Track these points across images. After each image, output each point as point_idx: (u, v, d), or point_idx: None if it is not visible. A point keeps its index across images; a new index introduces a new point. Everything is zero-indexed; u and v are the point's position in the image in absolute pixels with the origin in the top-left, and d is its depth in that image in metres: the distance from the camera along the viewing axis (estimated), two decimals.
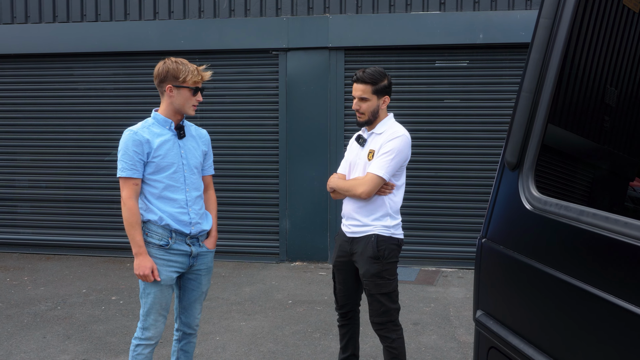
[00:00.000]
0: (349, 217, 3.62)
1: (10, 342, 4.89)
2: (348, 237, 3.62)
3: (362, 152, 3.61)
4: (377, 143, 3.53)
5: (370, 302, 3.56)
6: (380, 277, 3.48)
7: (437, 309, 5.80)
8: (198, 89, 3.22)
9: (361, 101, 3.51)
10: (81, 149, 8.09)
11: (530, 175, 1.95)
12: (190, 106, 3.23)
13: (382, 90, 3.53)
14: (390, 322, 3.55)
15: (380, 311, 3.52)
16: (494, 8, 7.16)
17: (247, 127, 7.78)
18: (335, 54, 7.44)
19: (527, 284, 1.96)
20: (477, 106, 7.36)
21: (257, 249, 7.77)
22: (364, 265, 3.51)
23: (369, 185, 3.43)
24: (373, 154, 3.50)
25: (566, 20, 1.84)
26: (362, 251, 3.51)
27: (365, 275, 3.50)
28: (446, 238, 7.41)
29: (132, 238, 3.13)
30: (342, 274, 3.73)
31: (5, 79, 8.19)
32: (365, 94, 3.49)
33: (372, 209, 3.51)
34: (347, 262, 3.65)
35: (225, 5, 7.59)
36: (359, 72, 3.52)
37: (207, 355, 4.64)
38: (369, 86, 3.48)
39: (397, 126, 3.59)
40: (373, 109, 3.52)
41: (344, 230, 3.67)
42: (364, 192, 3.44)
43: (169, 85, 3.18)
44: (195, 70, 3.19)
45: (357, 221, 3.55)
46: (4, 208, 8.27)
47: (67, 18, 7.89)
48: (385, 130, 3.55)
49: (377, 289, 3.49)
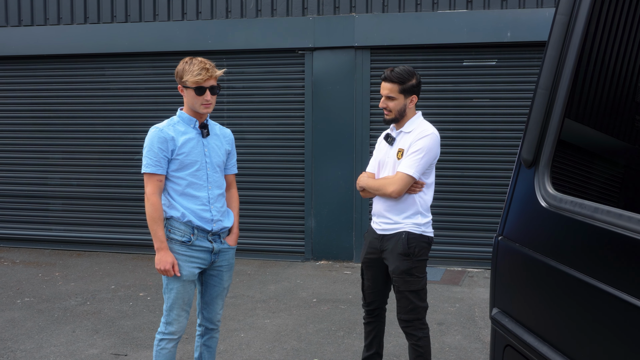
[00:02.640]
0: (379, 215, 3.64)
1: (41, 335, 5.01)
2: (378, 235, 3.64)
3: (391, 150, 3.63)
4: (406, 142, 3.55)
5: (398, 299, 3.58)
6: (410, 275, 3.50)
7: (462, 309, 5.77)
8: (204, 89, 3.19)
9: (388, 100, 3.54)
10: (112, 148, 8.24)
11: (546, 172, 1.93)
12: (200, 105, 3.22)
13: (410, 89, 3.55)
14: (418, 320, 3.56)
15: (408, 308, 3.54)
16: (522, 6, 7.08)
17: (274, 126, 7.83)
18: (361, 53, 7.44)
19: (542, 282, 1.95)
20: (505, 105, 7.28)
21: (282, 247, 7.82)
22: (394, 262, 3.53)
23: (399, 184, 3.45)
24: (402, 153, 3.52)
25: (583, 16, 1.83)
26: (392, 248, 3.54)
27: (395, 272, 3.52)
28: (473, 238, 7.35)
29: (154, 233, 3.19)
30: (371, 271, 3.75)
31: (38, 79, 8.39)
32: (392, 93, 3.52)
33: (403, 208, 3.54)
34: (377, 259, 3.68)
35: (252, 6, 7.66)
36: (387, 70, 3.54)
37: (232, 351, 4.69)
38: (396, 85, 3.51)
39: (426, 124, 3.61)
40: (400, 108, 3.55)
41: (374, 228, 3.70)
42: (394, 191, 3.46)
43: (180, 85, 3.24)
44: (198, 70, 3.14)
45: (388, 219, 3.58)
46: (36, 205, 8.47)
47: (97, 19, 8.05)
48: (414, 129, 3.57)
49: (406, 286, 3.51)
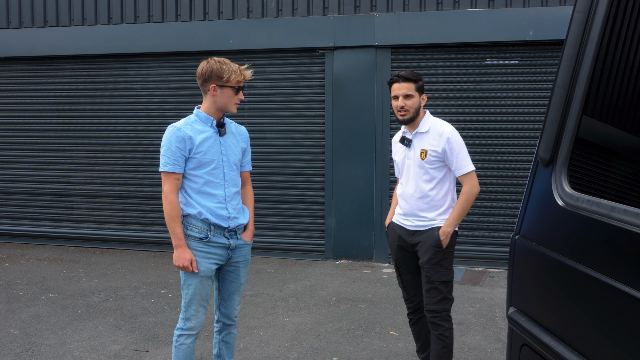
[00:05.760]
0: (411, 214, 3.77)
1: (64, 331, 5.10)
2: (410, 230, 3.76)
3: (411, 152, 3.75)
4: (425, 142, 3.70)
5: (428, 289, 3.69)
6: (441, 265, 3.65)
7: (483, 309, 5.73)
8: (240, 88, 3.32)
9: (406, 98, 3.66)
10: (135, 147, 8.34)
11: (563, 171, 1.92)
12: (233, 104, 3.33)
13: (422, 87, 3.74)
14: (445, 311, 3.70)
15: (438, 298, 3.66)
16: (545, 4, 7.01)
17: (294, 126, 7.86)
18: (381, 52, 7.43)
19: (559, 281, 1.93)
20: (528, 104, 7.21)
21: (302, 246, 7.85)
22: (426, 253, 3.66)
23: (474, 180, 3.68)
24: (426, 153, 3.67)
25: (600, 13, 1.81)
26: (425, 240, 3.68)
27: (429, 263, 3.65)
28: (494, 238, 7.30)
29: (172, 230, 3.24)
30: (407, 265, 3.87)
31: (63, 79, 8.52)
32: (410, 91, 3.67)
33: (438, 206, 3.72)
34: (409, 252, 3.83)
35: (273, 5, 7.69)
36: (400, 72, 3.70)
37: (251, 349, 4.72)
38: (412, 84, 3.68)
39: (439, 121, 3.78)
40: (417, 106, 3.70)
41: (402, 224, 3.82)
42: (476, 188, 3.69)
43: (213, 84, 3.26)
44: (237, 69, 3.28)
45: (423, 218, 3.72)
46: (61, 203, 8.61)
47: (121, 20, 8.15)
48: (430, 128, 3.72)
49: (437, 276, 3.64)
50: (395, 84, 3.68)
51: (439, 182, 3.70)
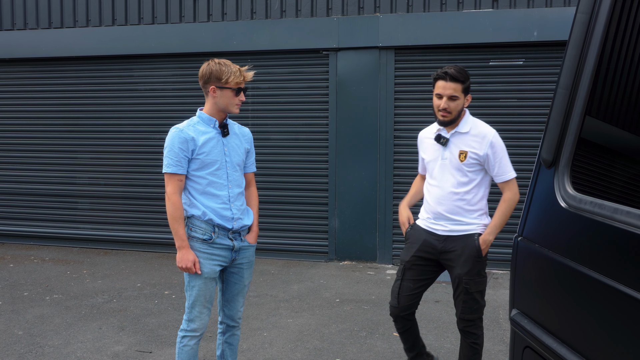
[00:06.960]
0: (441, 217, 3.57)
1: (68, 331, 5.10)
2: (442, 236, 3.56)
3: (448, 152, 3.55)
4: (465, 143, 3.51)
5: (465, 300, 3.51)
6: (480, 275, 3.50)
7: (487, 311, 5.71)
8: (240, 89, 3.30)
9: (450, 100, 3.44)
10: (139, 148, 8.36)
11: (566, 172, 1.91)
12: (234, 105, 3.32)
13: (468, 88, 3.52)
14: (479, 318, 3.56)
15: (474, 308, 3.51)
16: (549, 5, 7.00)
17: (298, 127, 7.86)
18: (385, 53, 7.42)
19: (561, 283, 1.92)
20: (532, 105, 7.20)
21: (306, 247, 7.84)
22: (465, 265, 3.47)
23: (515, 187, 3.53)
24: (466, 155, 3.48)
25: (603, 14, 1.80)
26: (462, 250, 3.48)
27: (469, 274, 3.47)
28: (498, 240, 7.21)
29: (175, 232, 3.24)
30: (415, 271, 3.65)
31: (67, 80, 8.55)
32: (456, 92, 3.44)
33: (474, 209, 3.53)
34: (431, 259, 3.62)
35: (277, 6, 7.69)
36: (449, 70, 3.44)
37: (255, 350, 4.72)
38: (460, 84, 3.44)
39: (480, 123, 3.59)
40: (460, 108, 3.50)
41: (432, 229, 3.61)
42: (518, 196, 3.54)
43: (213, 86, 3.27)
44: (237, 71, 3.26)
45: (457, 221, 3.53)
46: (65, 204, 8.63)
47: (125, 21, 8.17)
48: (470, 129, 3.53)
49: (476, 287, 3.48)
50: (440, 81, 3.44)
51: (476, 185, 3.52)
